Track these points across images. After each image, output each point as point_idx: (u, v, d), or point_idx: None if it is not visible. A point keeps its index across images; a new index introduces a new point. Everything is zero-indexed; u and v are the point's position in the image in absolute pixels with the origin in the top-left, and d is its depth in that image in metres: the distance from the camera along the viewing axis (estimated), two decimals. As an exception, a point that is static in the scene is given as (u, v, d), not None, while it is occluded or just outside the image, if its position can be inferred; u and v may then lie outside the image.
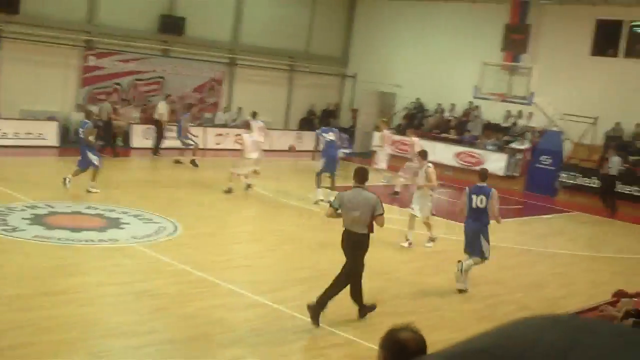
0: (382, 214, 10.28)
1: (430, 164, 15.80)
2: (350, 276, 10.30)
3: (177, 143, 24.39)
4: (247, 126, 20.60)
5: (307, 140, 30.82)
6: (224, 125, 29.19)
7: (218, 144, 27.80)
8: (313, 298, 10.00)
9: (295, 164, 27.19)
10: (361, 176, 10.46)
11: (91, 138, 17.51)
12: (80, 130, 17.73)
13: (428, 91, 31.02)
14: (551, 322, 0.86)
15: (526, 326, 0.86)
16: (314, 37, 33.24)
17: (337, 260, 13.61)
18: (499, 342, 0.84)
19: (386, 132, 24.08)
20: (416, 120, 30.75)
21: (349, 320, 10.17)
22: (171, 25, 27.82)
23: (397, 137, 27.84)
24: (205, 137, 27.16)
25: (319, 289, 11.51)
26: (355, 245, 10.44)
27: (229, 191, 18.95)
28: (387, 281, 12.57)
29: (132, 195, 17.32)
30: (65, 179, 17.12)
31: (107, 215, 14.93)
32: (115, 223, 14.36)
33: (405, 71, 32.07)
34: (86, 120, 17.96)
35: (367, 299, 11.14)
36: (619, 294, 9.31)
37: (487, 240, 12.46)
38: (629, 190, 23.84)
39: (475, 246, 12.43)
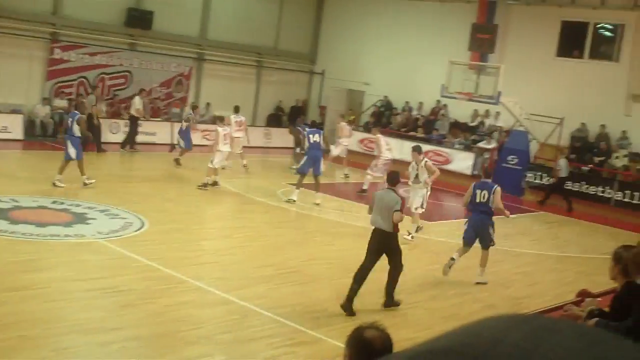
0: (398, 210, 10.86)
1: (426, 158, 17.07)
2: (365, 270, 10.82)
3: (149, 138, 24.28)
4: (223, 120, 20.70)
5: (275, 136, 30.83)
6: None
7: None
8: (280, 294, 9.97)
9: (264, 161, 27.13)
10: (392, 179, 11.47)
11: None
12: (70, 120, 17.63)
13: (396, 89, 31.13)
14: (516, 321, 0.87)
15: (491, 325, 0.86)
16: (282, 33, 33.18)
17: (303, 257, 13.69)
18: (464, 341, 0.85)
19: (343, 124, 24.49)
20: (384, 118, 30.85)
21: (316, 318, 10.17)
22: (138, 19, 27.59)
23: (363, 135, 27.99)
24: (172, 132, 26.99)
25: (287, 286, 11.56)
26: (380, 242, 10.97)
27: (214, 184, 19.05)
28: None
29: (99, 190, 17.15)
30: (54, 183, 16.95)
31: (73, 210, 14.78)
32: (82, 218, 14.22)
33: (374, 69, 32.15)
34: (76, 112, 18.04)
35: (334, 297, 11.17)
36: (583, 294, 9.40)
37: (494, 229, 13.37)
38: (594, 191, 24.16)
39: (484, 237, 13.26)
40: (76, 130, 17.46)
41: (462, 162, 26.73)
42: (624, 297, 6.07)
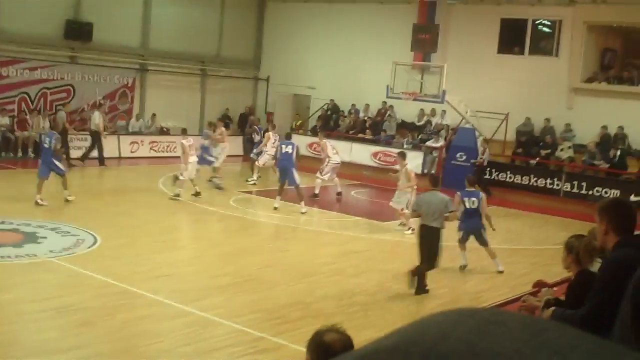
0: (453, 211, 12.71)
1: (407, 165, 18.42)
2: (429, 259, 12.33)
3: (95, 153, 23.98)
4: (186, 132, 20.81)
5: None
6: (139, 133, 28.74)
7: (133, 152, 27.40)
8: (238, 302, 9.94)
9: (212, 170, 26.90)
10: (434, 181, 13.14)
11: (58, 147, 18.02)
12: (48, 140, 17.74)
13: (342, 92, 31.24)
14: (461, 316, 0.89)
15: (437, 321, 0.89)
16: (224, 40, 33.06)
17: (260, 264, 13.66)
18: (410, 338, 0.86)
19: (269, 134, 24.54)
20: (331, 122, 30.95)
21: (276, 325, 10.16)
22: (78, 31, 27.18)
23: (311, 139, 28.06)
24: (119, 145, 26.73)
25: (244, 294, 11.52)
26: (432, 236, 12.42)
27: (196, 194, 19.59)
28: (311, 283, 12.60)
29: (48, 208, 16.88)
30: (36, 201, 16.82)
31: (23, 229, 14.50)
32: (32, 237, 13.96)
33: (318, 73, 32.23)
34: (53, 131, 18.68)
35: (292, 303, 11.19)
36: (539, 284, 9.56)
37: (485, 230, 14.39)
38: (543, 184, 24.60)
39: (482, 238, 14.31)
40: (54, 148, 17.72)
41: (412, 161, 26.79)
42: (578, 285, 6.18)
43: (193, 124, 31.65)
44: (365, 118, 30.42)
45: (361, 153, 28.07)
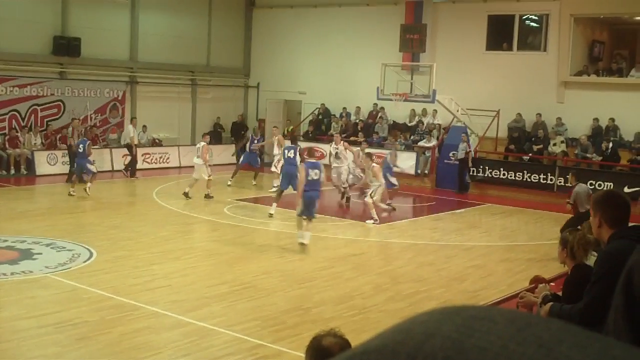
0: None
1: (375, 164, 19.03)
2: None
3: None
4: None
5: (216, 153, 30.65)
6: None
7: (126, 164, 27.35)
8: (236, 310, 9.93)
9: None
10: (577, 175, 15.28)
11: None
12: (82, 146, 21.09)
13: (333, 96, 31.25)
14: (447, 314, 0.88)
15: (423, 320, 0.88)
16: (213, 49, 33.08)
17: (256, 272, 13.65)
18: (396, 338, 0.86)
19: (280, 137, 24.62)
20: (323, 126, 30.94)
21: (275, 331, 10.14)
22: (66, 47, 27.15)
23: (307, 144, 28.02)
24: (112, 158, 26.73)
25: (242, 301, 11.51)
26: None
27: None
28: (308, 289, 12.60)
29: (43, 224, 16.85)
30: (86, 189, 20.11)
31: (18, 246, 14.46)
32: (28, 254, 13.91)
33: (308, 78, 32.26)
34: (85, 138, 21.97)
35: (291, 309, 11.18)
36: (536, 280, 9.59)
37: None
38: (536, 179, 24.63)
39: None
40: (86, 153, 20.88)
41: (405, 162, 26.95)
42: (574, 279, 6.19)
43: (185, 134, 31.73)
44: (357, 121, 30.42)
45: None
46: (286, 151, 19.46)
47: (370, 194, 18.49)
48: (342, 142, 22.68)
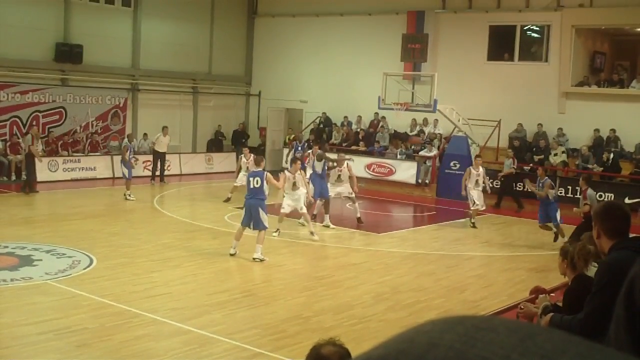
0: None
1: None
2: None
3: (88, 173, 23.82)
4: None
5: (217, 162, 30.75)
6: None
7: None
8: (236, 318, 9.91)
9: (207, 187, 26.96)
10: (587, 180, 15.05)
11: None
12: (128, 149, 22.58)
13: (334, 105, 31.29)
14: (450, 324, 0.89)
15: (425, 330, 0.89)
16: (215, 57, 33.14)
17: (257, 280, 13.65)
18: (399, 348, 0.86)
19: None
20: (324, 135, 30.96)
21: (275, 340, 10.13)
22: (68, 54, 27.23)
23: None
24: (112, 165, 26.76)
25: (242, 310, 11.50)
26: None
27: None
28: (309, 297, 12.59)
29: (43, 230, 16.87)
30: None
31: (18, 253, 14.46)
32: (28, 260, 13.91)
33: (310, 86, 32.31)
34: (128, 142, 23.20)
35: (291, 317, 11.17)
36: (537, 291, 9.56)
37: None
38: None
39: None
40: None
41: (406, 171, 26.98)
42: (575, 290, 6.18)
43: (186, 142, 31.76)
44: (358, 130, 30.44)
45: (355, 165, 27.99)
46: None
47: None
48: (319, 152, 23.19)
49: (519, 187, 24.16)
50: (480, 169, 19.32)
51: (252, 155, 21.59)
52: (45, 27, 26.87)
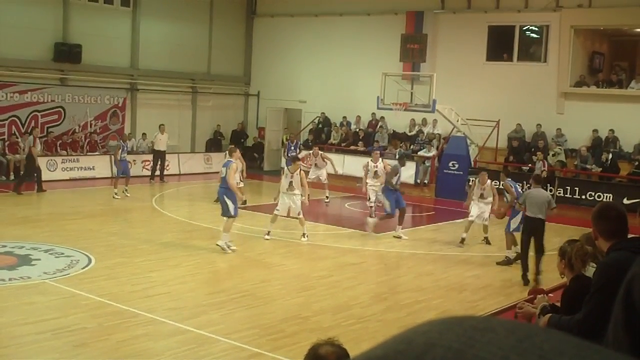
0: (554, 208, 14.27)
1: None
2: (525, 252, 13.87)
3: (87, 173, 23.83)
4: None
5: (216, 161, 30.68)
6: (130, 152, 28.67)
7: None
8: (235, 318, 9.87)
9: (206, 186, 26.93)
10: (538, 179, 14.67)
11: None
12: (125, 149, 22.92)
13: (333, 105, 31.29)
14: (448, 324, 0.89)
15: (424, 330, 0.89)
16: (214, 57, 33.14)
17: (255, 280, 13.64)
18: (397, 348, 0.86)
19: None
20: (323, 135, 30.96)
21: (274, 340, 10.13)
22: (67, 53, 27.22)
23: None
24: (111, 165, 26.76)
25: (241, 310, 11.49)
26: (534, 227, 13.65)
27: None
28: (307, 297, 12.58)
29: (42, 230, 16.86)
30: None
31: (17, 252, 14.45)
32: (26, 260, 13.90)
33: (309, 86, 32.30)
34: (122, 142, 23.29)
35: (290, 317, 11.17)
36: (535, 291, 9.56)
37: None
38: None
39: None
40: None
41: (405, 171, 26.87)
42: (573, 291, 6.18)
43: (185, 142, 31.76)
44: (357, 130, 30.45)
45: (354, 165, 28.07)
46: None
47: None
48: (320, 153, 23.67)
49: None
50: (488, 182, 18.27)
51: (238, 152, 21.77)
52: (44, 27, 26.87)
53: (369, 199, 20.38)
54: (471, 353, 0.82)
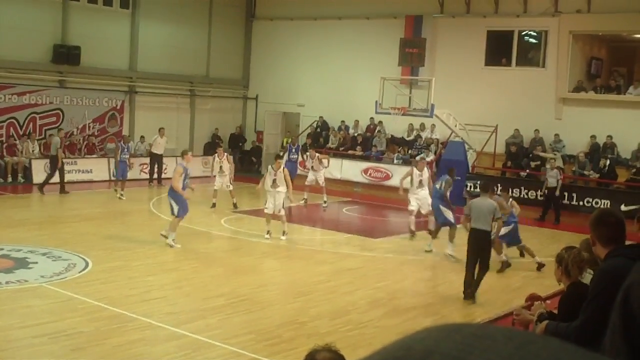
0: (500, 218, 13.15)
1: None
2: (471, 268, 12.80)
3: (85, 176, 23.85)
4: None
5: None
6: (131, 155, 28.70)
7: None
8: (232, 323, 9.85)
9: (204, 190, 26.89)
10: (485, 187, 13.55)
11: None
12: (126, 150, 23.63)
13: (331, 109, 31.28)
14: (447, 331, 0.89)
15: (422, 337, 0.89)
16: (212, 60, 33.15)
17: (253, 284, 13.63)
18: (397, 355, 0.86)
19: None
20: (321, 139, 30.96)
21: (271, 345, 10.12)
22: (66, 55, 27.20)
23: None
24: (109, 167, 26.77)
25: (238, 315, 11.48)
26: (481, 240, 12.67)
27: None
28: (305, 302, 12.57)
29: (39, 233, 16.84)
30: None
31: (14, 255, 14.43)
32: (23, 263, 13.88)
33: (307, 90, 32.30)
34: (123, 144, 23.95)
35: (287, 323, 11.16)
36: (532, 298, 9.56)
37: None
38: (533, 196, 24.53)
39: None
40: None
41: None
42: (570, 297, 6.18)
43: (183, 145, 31.71)
44: (356, 134, 30.45)
45: (352, 169, 28.13)
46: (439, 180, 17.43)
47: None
48: (317, 155, 23.66)
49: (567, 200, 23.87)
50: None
51: (225, 154, 22.02)
52: (43, 29, 26.86)
53: (412, 207, 19.14)
54: (470, 359, 0.82)
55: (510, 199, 16.96)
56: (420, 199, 18.94)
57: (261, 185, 18.41)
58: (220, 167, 22.11)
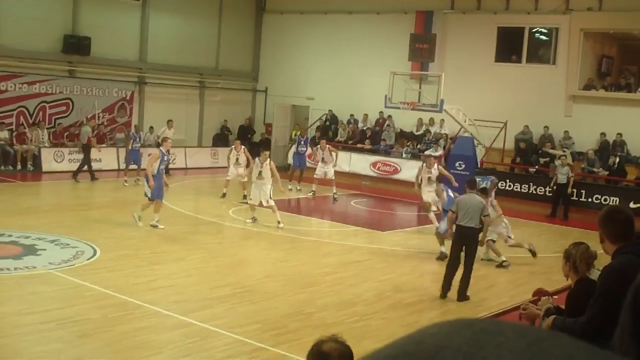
0: (488, 215, 12.96)
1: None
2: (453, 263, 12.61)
3: (94, 165, 24.10)
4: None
5: (222, 156, 30.68)
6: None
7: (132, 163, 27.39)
8: (238, 313, 9.88)
9: (212, 181, 26.96)
10: (472, 184, 13.16)
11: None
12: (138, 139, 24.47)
13: (341, 102, 31.26)
14: (458, 327, 0.89)
15: (433, 332, 0.89)
16: (222, 52, 33.15)
17: (260, 275, 13.66)
18: (406, 350, 0.86)
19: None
20: (330, 132, 30.94)
21: (276, 335, 10.15)
22: (76, 46, 27.24)
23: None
24: (118, 157, 26.82)
25: (244, 304, 11.51)
26: (466, 237, 12.43)
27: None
28: (311, 293, 12.59)
29: (48, 220, 16.90)
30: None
31: (22, 242, 14.49)
32: (32, 250, 13.94)
33: (317, 83, 32.28)
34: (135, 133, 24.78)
35: (293, 313, 11.19)
36: (539, 293, 9.55)
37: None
38: (542, 192, 24.49)
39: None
40: None
41: (411, 171, 26.82)
42: (577, 293, 6.17)
43: (192, 136, 31.78)
44: (365, 128, 30.43)
45: (360, 163, 28.11)
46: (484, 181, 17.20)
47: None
48: (327, 146, 23.58)
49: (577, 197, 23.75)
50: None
51: (243, 147, 22.02)
52: (53, 19, 26.90)
53: (427, 199, 18.97)
54: (481, 356, 0.82)
55: (491, 199, 16.39)
56: (433, 194, 18.61)
57: (248, 175, 18.83)
58: (237, 159, 22.10)
